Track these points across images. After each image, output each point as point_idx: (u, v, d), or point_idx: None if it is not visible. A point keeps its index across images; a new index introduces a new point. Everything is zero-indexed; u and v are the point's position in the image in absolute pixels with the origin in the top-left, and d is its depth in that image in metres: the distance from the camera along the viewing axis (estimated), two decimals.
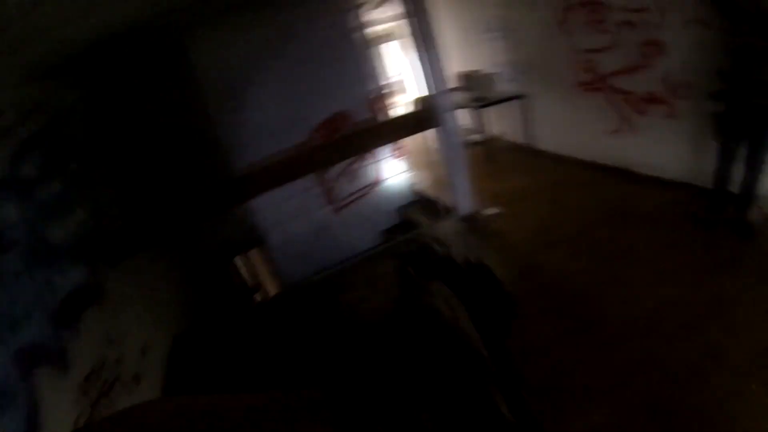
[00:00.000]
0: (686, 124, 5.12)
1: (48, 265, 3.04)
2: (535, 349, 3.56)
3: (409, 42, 6.09)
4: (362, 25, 6.75)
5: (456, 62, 9.18)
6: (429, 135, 6.36)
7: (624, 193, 5.64)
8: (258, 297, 7.12)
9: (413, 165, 8.27)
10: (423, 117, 5.87)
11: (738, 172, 4.33)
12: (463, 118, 9.67)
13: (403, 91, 16.09)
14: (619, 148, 6.18)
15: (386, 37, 15.60)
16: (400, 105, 13.12)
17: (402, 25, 8.21)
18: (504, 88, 8.13)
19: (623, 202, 5.41)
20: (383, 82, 7.96)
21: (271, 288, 6.90)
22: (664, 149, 5.52)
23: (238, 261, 7.01)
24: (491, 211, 5.88)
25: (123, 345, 3.71)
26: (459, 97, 8.26)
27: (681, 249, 4.31)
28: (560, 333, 3.67)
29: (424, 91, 5.84)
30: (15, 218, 2.84)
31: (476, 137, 8.91)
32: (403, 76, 16.20)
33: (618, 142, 6.16)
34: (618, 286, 4.02)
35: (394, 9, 8.42)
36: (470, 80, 8.07)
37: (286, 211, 6.31)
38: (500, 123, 8.82)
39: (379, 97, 7.10)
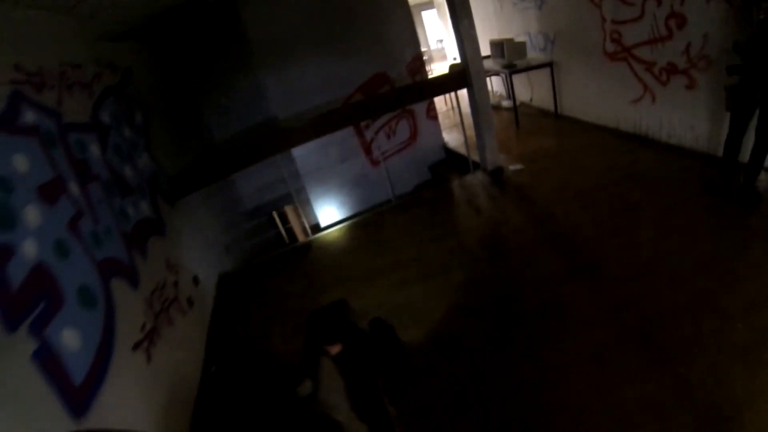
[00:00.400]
0: (704, 95, 5.30)
1: (122, 197, 3.55)
2: (542, 281, 3.98)
3: (446, 9, 6.37)
4: None
5: (491, 30, 9.41)
6: (461, 98, 6.68)
7: (641, 157, 5.89)
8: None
9: (446, 126, 8.63)
10: (454, 79, 6.22)
11: (749, 143, 4.50)
12: (495, 84, 9.95)
13: (443, 57, 16.34)
14: (640, 115, 6.40)
15: (427, 4, 15.79)
16: (439, 71, 13.37)
17: None
18: (535, 56, 8.34)
19: (638, 165, 5.68)
20: (422, 48, 8.28)
21: (302, 237, 7.38)
22: (683, 118, 5.74)
23: (275, 215, 7.46)
24: (515, 167, 6.23)
25: (179, 272, 4.23)
26: (491, 63, 8.52)
27: (688, 210, 4.57)
28: (566, 270, 4.05)
29: (459, 58, 6.16)
30: (97, 156, 3.34)
31: (506, 103, 9.17)
32: (443, 43, 16.44)
33: (639, 110, 6.37)
34: (622, 237, 4.34)
35: None
36: (503, 47, 8.30)
37: (327, 160, 6.76)
38: (530, 89, 9.04)
39: (418, 61, 7.45)
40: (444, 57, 16.40)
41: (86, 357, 2.41)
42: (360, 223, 6.10)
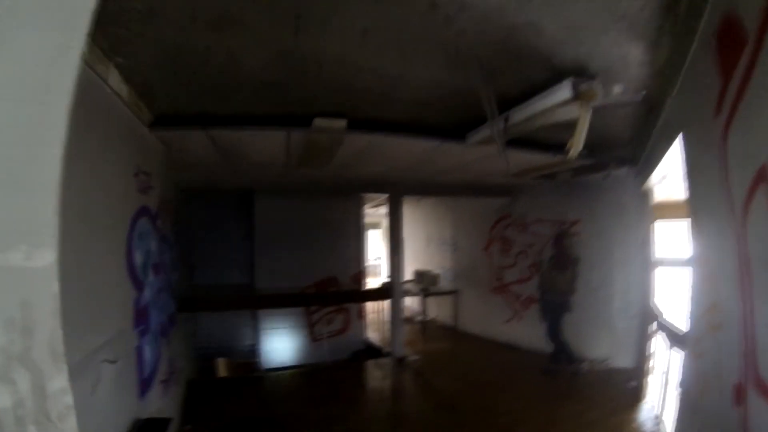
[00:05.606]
0: None
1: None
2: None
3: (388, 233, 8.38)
4: (362, 217, 9.14)
5: (417, 261, 11.57)
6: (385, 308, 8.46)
7: (506, 356, 7.83)
8: None
9: (369, 325, 10.20)
10: (382, 291, 8.06)
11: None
12: (413, 302, 11.79)
13: (377, 274, 18.03)
14: (510, 331, 8.39)
15: (375, 224, 18.06)
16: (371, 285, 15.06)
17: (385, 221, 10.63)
18: (445, 284, 10.51)
19: (505, 361, 7.55)
20: (365, 263, 10.14)
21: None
22: (537, 332, 7.59)
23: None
24: (414, 357, 7.75)
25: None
26: (413, 286, 10.43)
27: (527, 381, 6.52)
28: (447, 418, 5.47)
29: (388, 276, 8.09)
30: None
31: (420, 317, 10.91)
32: (380, 260, 18.26)
33: (510, 327, 8.37)
34: (486, 403, 5.88)
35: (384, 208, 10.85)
36: (422, 276, 10.34)
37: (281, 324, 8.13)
38: (438, 309, 10.99)
39: (360, 275, 9.26)
40: (378, 273, 17.91)
41: (150, 367, 3.69)
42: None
